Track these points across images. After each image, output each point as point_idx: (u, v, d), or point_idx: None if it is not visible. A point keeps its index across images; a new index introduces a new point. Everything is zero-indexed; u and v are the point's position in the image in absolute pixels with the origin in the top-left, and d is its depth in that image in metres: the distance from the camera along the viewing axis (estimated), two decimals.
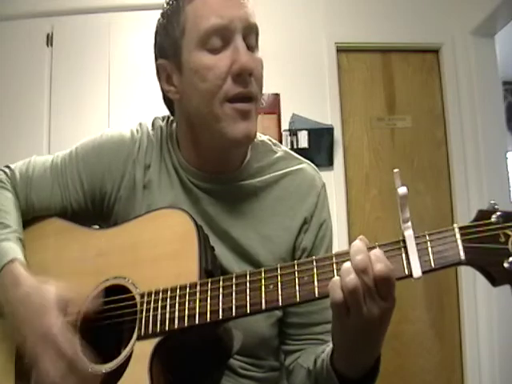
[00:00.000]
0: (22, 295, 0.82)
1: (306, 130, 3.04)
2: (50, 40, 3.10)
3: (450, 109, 3.22)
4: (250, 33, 0.89)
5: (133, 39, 3.02)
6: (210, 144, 0.94)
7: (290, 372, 0.96)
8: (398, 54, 3.31)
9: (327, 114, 3.14)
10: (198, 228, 0.83)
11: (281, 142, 3.05)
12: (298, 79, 3.16)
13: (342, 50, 3.25)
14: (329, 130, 3.07)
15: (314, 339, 0.95)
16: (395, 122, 3.27)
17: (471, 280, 3.00)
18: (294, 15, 3.23)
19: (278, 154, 1.02)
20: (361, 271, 0.64)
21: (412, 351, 3.05)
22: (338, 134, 3.11)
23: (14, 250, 0.88)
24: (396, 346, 2.97)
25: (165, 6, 0.94)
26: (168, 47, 0.92)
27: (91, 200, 0.99)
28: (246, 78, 0.87)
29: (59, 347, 0.77)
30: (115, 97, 3.04)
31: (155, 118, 1.06)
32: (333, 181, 3.05)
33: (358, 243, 0.67)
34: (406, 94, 3.28)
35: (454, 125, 3.21)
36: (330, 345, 0.81)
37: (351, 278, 0.64)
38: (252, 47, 0.90)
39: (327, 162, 3.05)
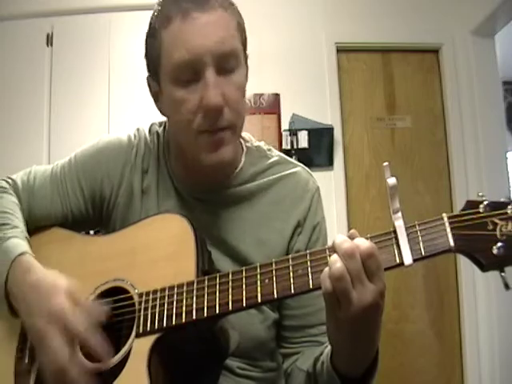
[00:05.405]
0: (34, 280, 0.82)
1: (306, 130, 3.04)
2: (50, 40, 3.11)
3: (450, 109, 3.22)
4: (225, 59, 0.85)
5: (133, 39, 3.00)
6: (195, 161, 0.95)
7: (288, 375, 0.96)
8: (397, 53, 3.31)
9: (327, 114, 3.14)
10: (195, 230, 0.84)
11: (281, 141, 3.06)
12: (298, 79, 3.16)
13: (342, 50, 3.25)
14: (329, 130, 3.07)
15: (310, 341, 0.95)
16: (395, 121, 3.27)
17: (471, 279, 3.00)
18: (294, 15, 3.23)
19: (272, 159, 1.02)
20: (348, 257, 0.66)
21: (412, 350, 3.04)
22: (338, 134, 3.11)
23: (24, 246, 0.89)
24: (396, 345, 2.98)
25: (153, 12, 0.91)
26: (151, 66, 0.91)
27: (92, 205, 1.00)
28: (215, 115, 0.85)
29: (68, 324, 0.77)
30: (115, 97, 3.04)
31: (152, 124, 1.06)
32: (333, 181, 3.05)
33: (341, 235, 0.69)
34: (405, 94, 3.28)
35: (454, 125, 3.21)
36: (329, 346, 0.81)
37: (337, 267, 0.66)
38: (229, 71, 0.87)
39: (327, 162, 3.05)
